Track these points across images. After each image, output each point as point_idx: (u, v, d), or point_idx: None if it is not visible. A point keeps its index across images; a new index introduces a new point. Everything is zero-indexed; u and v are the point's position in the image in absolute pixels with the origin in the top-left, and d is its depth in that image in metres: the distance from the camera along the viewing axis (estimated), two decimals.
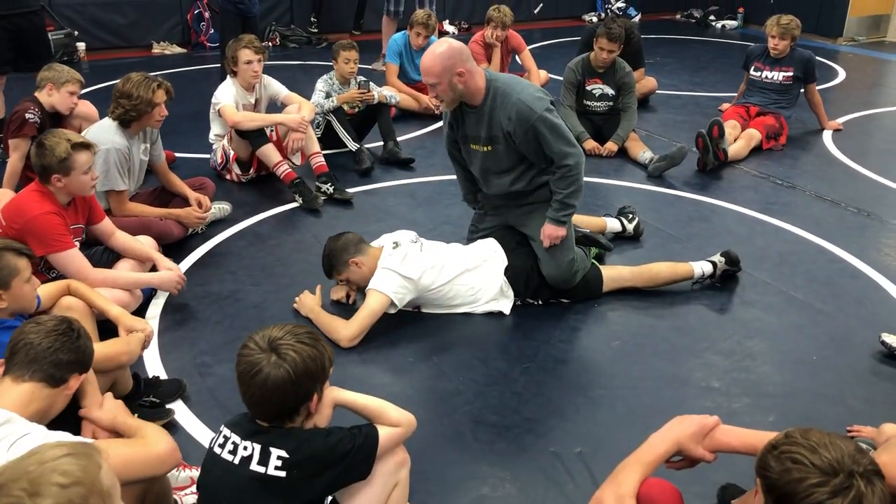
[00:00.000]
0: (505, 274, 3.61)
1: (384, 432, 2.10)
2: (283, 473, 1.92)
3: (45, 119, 4.43)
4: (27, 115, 4.36)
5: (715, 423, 1.98)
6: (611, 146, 5.64)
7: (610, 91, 5.71)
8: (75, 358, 2.03)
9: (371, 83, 5.66)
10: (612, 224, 4.31)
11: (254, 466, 1.93)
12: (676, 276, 3.81)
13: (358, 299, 3.61)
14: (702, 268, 3.81)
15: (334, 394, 2.11)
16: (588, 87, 5.74)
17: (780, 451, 1.56)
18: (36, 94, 4.49)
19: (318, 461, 1.97)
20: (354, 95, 5.52)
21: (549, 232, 3.55)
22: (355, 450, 2.02)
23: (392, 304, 3.37)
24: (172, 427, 2.78)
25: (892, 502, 1.60)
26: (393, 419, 2.15)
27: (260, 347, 1.94)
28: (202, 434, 2.79)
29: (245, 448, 1.96)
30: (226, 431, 2.02)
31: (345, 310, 3.55)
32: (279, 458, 1.93)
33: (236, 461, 1.96)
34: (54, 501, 1.37)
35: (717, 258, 3.85)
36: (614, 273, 3.77)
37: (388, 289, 3.35)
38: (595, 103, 5.77)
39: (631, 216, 4.36)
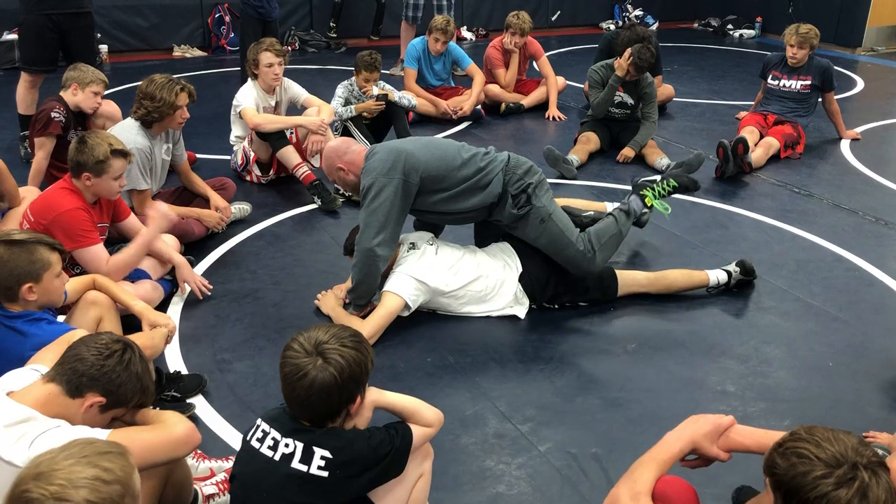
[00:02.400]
0: (520, 281, 3.61)
1: (417, 432, 2.12)
2: (325, 473, 1.93)
3: (69, 118, 4.50)
4: (52, 114, 4.43)
5: (730, 422, 1.99)
6: (627, 152, 5.65)
7: (630, 100, 5.73)
8: (95, 375, 1.96)
9: (390, 87, 5.71)
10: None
11: (295, 464, 1.94)
12: (692, 284, 3.81)
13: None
14: (717, 276, 3.81)
15: (374, 396, 2.11)
16: None
17: (785, 447, 1.59)
18: (61, 93, 4.56)
19: (361, 463, 1.98)
20: (372, 107, 5.57)
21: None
22: (394, 451, 2.04)
23: (406, 306, 3.41)
24: (193, 421, 2.79)
25: None
26: (427, 419, 2.16)
27: (305, 350, 1.94)
28: (222, 429, 2.83)
29: (287, 445, 1.96)
30: (264, 426, 2.02)
31: None
32: (322, 458, 1.93)
33: (276, 457, 1.96)
34: (97, 496, 1.41)
35: (733, 267, 3.85)
36: (629, 278, 3.77)
37: (403, 291, 3.39)
38: (614, 110, 5.78)
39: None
